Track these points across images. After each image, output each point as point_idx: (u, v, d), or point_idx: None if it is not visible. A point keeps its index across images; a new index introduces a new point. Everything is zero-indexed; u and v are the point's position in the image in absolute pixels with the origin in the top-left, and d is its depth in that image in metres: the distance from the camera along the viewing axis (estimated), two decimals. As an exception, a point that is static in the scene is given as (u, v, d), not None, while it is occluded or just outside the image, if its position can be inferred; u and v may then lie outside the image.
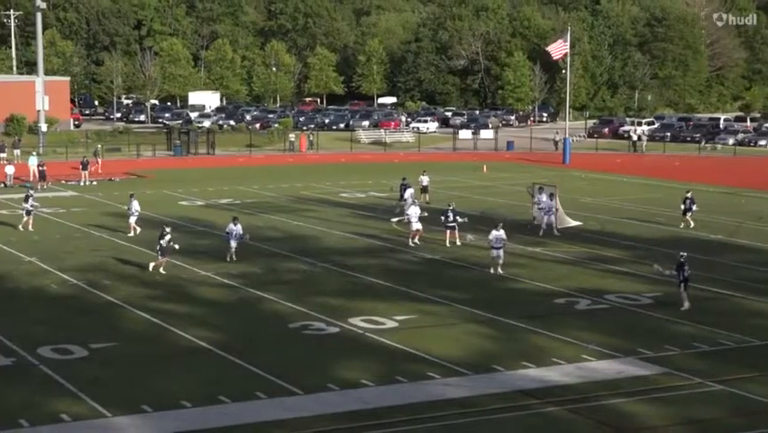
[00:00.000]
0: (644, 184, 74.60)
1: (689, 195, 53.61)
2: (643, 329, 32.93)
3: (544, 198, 52.22)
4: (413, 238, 48.33)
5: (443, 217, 48.52)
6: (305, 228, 52.72)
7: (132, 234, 50.18)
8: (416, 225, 48.45)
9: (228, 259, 43.42)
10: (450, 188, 63.71)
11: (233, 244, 43.68)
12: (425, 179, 62.02)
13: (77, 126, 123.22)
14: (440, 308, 35.58)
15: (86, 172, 72.93)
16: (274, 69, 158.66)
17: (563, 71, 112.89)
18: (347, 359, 29.31)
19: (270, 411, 24.94)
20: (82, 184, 71.95)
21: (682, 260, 35.74)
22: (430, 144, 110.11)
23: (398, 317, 34.09)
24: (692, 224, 52.75)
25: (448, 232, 48.13)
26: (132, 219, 50.66)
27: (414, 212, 48.77)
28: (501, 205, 61.81)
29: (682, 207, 53.47)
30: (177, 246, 41.36)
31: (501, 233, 41.59)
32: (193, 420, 24.39)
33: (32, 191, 55.25)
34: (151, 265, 41.29)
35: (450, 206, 49.35)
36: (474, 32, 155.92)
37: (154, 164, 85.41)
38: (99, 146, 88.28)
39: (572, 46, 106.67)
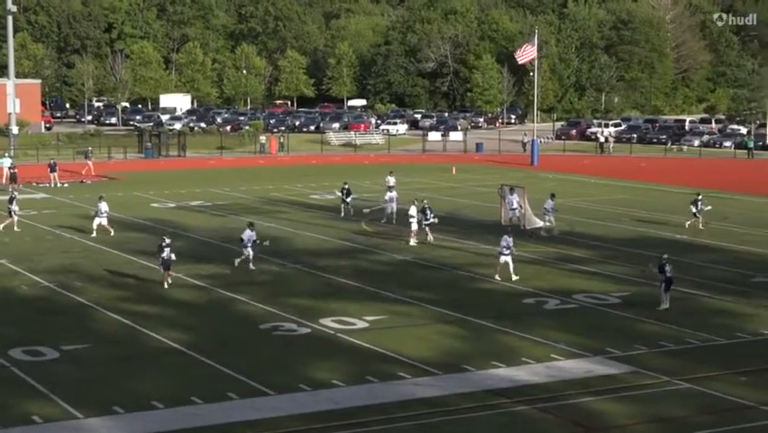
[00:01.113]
0: (611, 185, 74.82)
1: (699, 197, 53.70)
2: (611, 329, 33.01)
3: (516, 198, 52.49)
4: (412, 237, 48.66)
5: (420, 216, 48.61)
6: (276, 230, 52.59)
7: (95, 234, 49.92)
8: (415, 225, 48.75)
9: (239, 264, 42.00)
10: (419, 190, 63.71)
11: (251, 252, 42.06)
12: (391, 180, 62.22)
13: (48, 129, 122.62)
14: (410, 309, 35.55)
15: (55, 174, 72.49)
16: (245, 71, 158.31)
17: (531, 74, 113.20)
18: (318, 359, 29.24)
19: (242, 412, 24.85)
20: (52, 186, 71.55)
21: (664, 261, 35.90)
22: (399, 146, 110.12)
23: (369, 318, 34.04)
24: (701, 226, 52.87)
25: (427, 229, 48.60)
26: (100, 221, 50.44)
27: (413, 211, 49.10)
28: (470, 206, 61.86)
29: (693, 209, 53.45)
30: (174, 256, 39.15)
31: (510, 239, 40.76)
32: (164, 421, 24.27)
33: (15, 193, 55.14)
34: (165, 284, 38.87)
35: (424, 203, 49.68)
36: (443, 36, 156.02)
37: (125, 166, 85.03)
38: (90, 148, 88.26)
39: (540, 49, 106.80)
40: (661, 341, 31.30)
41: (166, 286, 38.59)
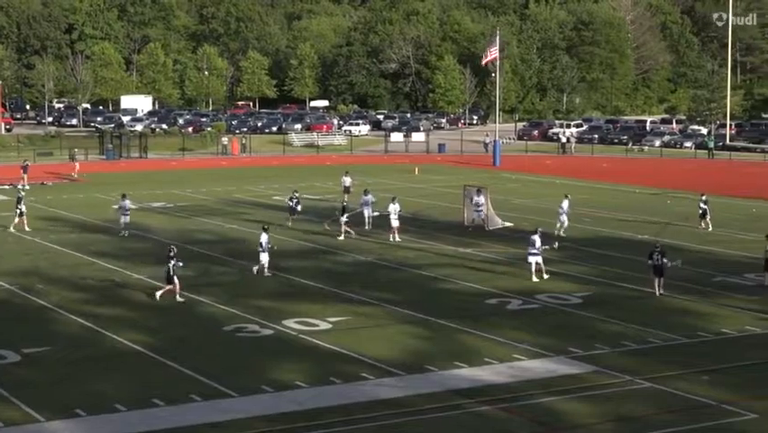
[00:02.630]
0: (572, 185, 75.10)
1: (704, 197, 54.11)
2: (573, 328, 33.12)
3: (483, 199, 52.75)
4: (393, 235, 49.14)
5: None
6: (238, 231, 52.46)
7: (126, 234, 50.47)
8: (395, 223, 49.32)
9: (258, 272, 41.08)
10: (382, 191, 63.70)
11: (266, 258, 41.03)
12: (347, 180, 62.75)
13: (8, 130, 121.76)
14: (373, 310, 35.54)
15: (26, 176, 72.19)
16: (206, 72, 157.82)
17: (493, 75, 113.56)
18: (281, 361, 29.19)
19: (205, 414, 24.75)
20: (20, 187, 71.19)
21: (656, 249, 37.75)
22: (362, 147, 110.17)
23: (332, 319, 34.02)
24: (710, 227, 53.33)
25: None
26: (125, 219, 51.05)
27: (393, 210, 49.59)
28: (433, 207, 61.93)
29: (699, 211, 53.89)
30: (181, 264, 37.98)
31: (536, 238, 40.51)
32: (127, 424, 24.14)
33: (22, 193, 55.30)
34: (178, 296, 37.31)
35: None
36: (405, 37, 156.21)
37: (86, 168, 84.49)
38: (75, 150, 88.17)
39: (502, 50, 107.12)
40: (623, 340, 31.43)
41: (179, 299, 36.80)
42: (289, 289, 39.17)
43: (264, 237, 41.17)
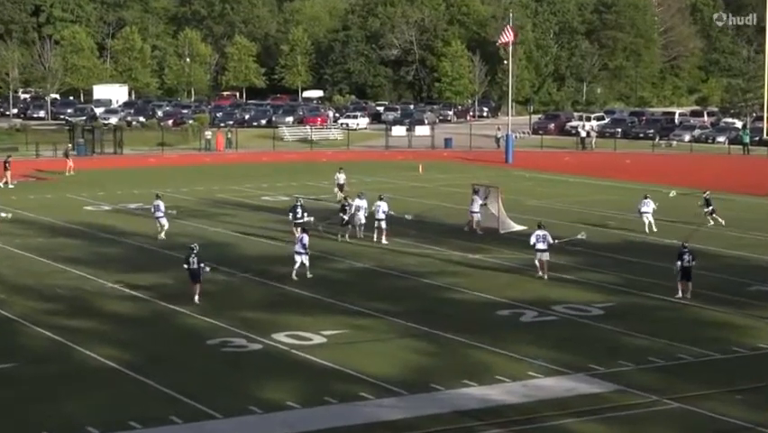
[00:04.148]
0: (593, 184, 75.12)
1: (706, 195, 54.59)
2: (593, 343, 33.13)
3: (480, 199, 53.13)
4: (383, 237, 49.97)
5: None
6: (223, 235, 52.47)
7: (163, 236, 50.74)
8: (383, 224, 50.22)
9: (294, 276, 41.98)
10: (382, 190, 63.57)
11: (306, 258, 42.11)
12: (341, 177, 63.37)
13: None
14: (373, 322, 35.56)
15: (9, 173, 72.35)
16: (188, 59, 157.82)
17: (505, 62, 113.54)
18: (271, 379, 29.20)
19: (186, 437, 24.79)
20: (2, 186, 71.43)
21: (684, 249, 38.28)
22: (360, 142, 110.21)
23: (327, 332, 34.02)
24: (722, 221, 54.61)
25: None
26: (164, 221, 51.39)
27: (381, 209, 50.43)
28: (438, 208, 61.94)
29: (706, 209, 54.46)
30: (208, 269, 38.97)
31: (545, 232, 42.33)
32: (100, 448, 24.18)
33: None
34: (196, 298, 38.07)
35: (298, 200, 51.72)
36: (408, 20, 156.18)
37: (55, 165, 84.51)
38: (69, 145, 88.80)
39: (515, 35, 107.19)
40: (649, 356, 31.42)
41: (197, 300, 37.77)
42: (280, 298, 39.18)
43: (305, 238, 42.29)
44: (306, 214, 50.30)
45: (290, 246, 48.82)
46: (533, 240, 42.78)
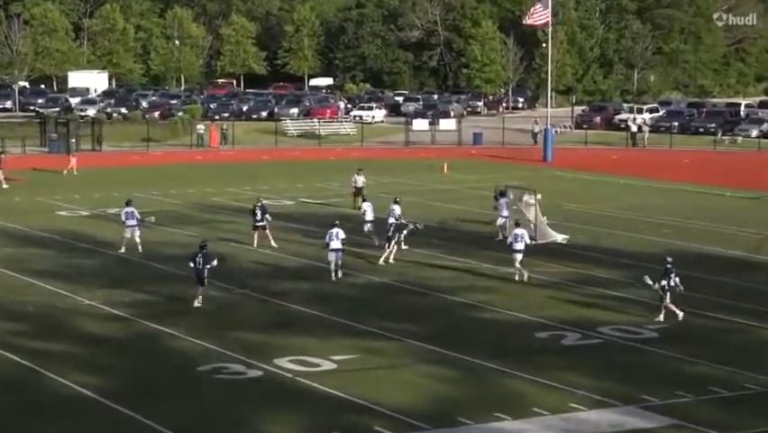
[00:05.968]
0: (645, 187, 75.01)
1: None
2: (645, 370, 33.10)
3: (505, 202, 53.42)
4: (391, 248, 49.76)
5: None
6: (217, 245, 52.52)
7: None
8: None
9: (333, 278, 43.89)
10: (401, 193, 63.65)
11: (338, 257, 43.81)
12: (359, 180, 62.86)
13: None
14: (389, 345, 35.56)
15: (2, 171, 72.72)
16: (177, 42, 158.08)
17: (544, 45, 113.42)
18: (272, 411, 29.23)
19: (174, 478, 24.84)
20: None
21: (668, 266, 37.81)
22: (376, 137, 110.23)
23: (337, 357, 34.04)
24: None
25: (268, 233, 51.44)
26: (137, 231, 51.24)
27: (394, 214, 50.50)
28: (466, 214, 61.93)
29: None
30: (215, 262, 40.24)
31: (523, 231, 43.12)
32: (74, 490, 24.22)
33: None
34: (196, 302, 39.74)
35: (260, 202, 52.38)
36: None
37: (24, 163, 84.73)
38: (73, 140, 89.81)
39: (555, 14, 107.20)
40: (710, 386, 31.38)
41: (196, 304, 38.81)
42: (283, 318, 39.22)
43: (339, 233, 43.92)
44: (267, 216, 51.31)
45: (292, 258, 48.91)
46: (510, 239, 44.34)
